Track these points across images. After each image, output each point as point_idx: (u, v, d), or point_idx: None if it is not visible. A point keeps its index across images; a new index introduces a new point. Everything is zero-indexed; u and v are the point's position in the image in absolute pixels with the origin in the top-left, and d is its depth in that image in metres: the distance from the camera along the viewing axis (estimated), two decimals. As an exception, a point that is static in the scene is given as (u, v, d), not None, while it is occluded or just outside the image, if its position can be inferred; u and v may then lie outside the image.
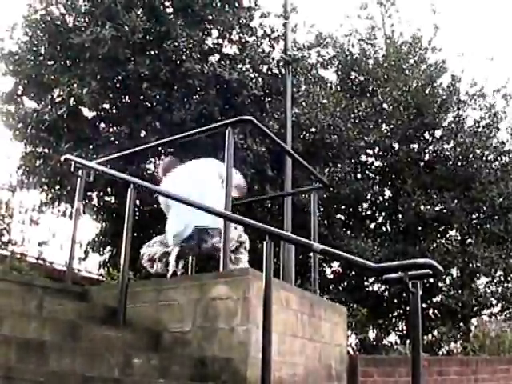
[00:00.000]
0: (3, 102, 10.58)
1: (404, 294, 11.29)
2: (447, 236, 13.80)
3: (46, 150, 10.43)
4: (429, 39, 14.93)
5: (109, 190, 10.88)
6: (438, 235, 13.61)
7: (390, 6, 16.28)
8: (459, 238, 13.66)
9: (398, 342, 12.90)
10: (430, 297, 12.52)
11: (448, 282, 13.12)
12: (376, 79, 14.17)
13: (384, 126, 13.99)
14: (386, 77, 13.93)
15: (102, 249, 11.19)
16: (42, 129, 10.00)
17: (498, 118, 13.87)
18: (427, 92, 13.64)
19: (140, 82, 9.82)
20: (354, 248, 11.22)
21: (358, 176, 13.46)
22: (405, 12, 21.02)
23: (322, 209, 12.68)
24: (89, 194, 10.47)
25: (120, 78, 10.05)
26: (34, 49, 10.28)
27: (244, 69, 10.68)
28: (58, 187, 10.62)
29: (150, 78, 9.81)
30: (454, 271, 13.16)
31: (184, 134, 5.42)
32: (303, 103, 12.29)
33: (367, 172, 14.23)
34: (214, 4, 10.66)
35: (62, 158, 5.62)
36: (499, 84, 14.78)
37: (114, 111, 10.67)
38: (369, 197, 13.44)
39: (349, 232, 12.82)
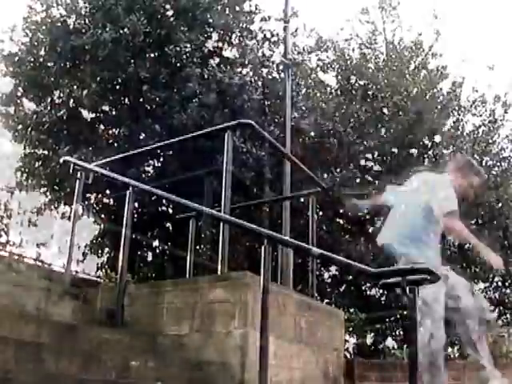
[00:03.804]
0: (3, 104, 10.58)
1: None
2: (445, 241, 13.75)
3: (46, 152, 10.42)
4: (430, 45, 14.89)
5: (108, 192, 10.88)
6: (437, 240, 13.55)
7: (391, 10, 16.26)
8: (457, 242, 13.61)
9: (396, 346, 12.87)
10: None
11: (446, 286, 13.06)
12: (376, 84, 14.12)
13: (384, 130, 13.96)
14: (386, 81, 13.89)
15: (100, 251, 11.17)
16: (41, 130, 10.01)
17: (497, 124, 13.85)
18: (427, 97, 13.60)
19: (140, 85, 9.83)
20: (353, 252, 11.18)
21: (357, 180, 13.40)
22: (406, 17, 20.91)
23: (321, 213, 12.65)
24: (88, 195, 10.46)
25: (120, 80, 10.06)
26: (34, 50, 10.28)
27: (244, 72, 10.69)
28: (57, 189, 10.61)
29: (149, 81, 9.82)
30: (452, 276, 13.11)
31: (184, 137, 5.43)
32: (303, 107, 12.29)
33: (366, 176, 14.18)
34: (214, 7, 10.67)
35: (62, 160, 5.62)
36: (499, 91, 14.73)
37: (114, 113, 10.67)
38: (368, 201, 13.36)
39: (348, 236, 12.78)
